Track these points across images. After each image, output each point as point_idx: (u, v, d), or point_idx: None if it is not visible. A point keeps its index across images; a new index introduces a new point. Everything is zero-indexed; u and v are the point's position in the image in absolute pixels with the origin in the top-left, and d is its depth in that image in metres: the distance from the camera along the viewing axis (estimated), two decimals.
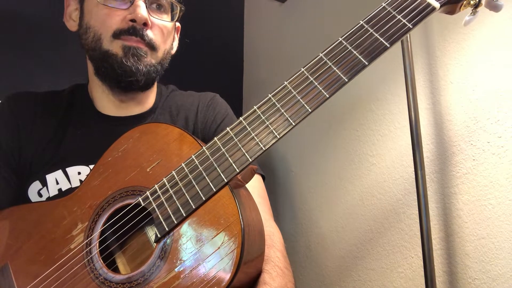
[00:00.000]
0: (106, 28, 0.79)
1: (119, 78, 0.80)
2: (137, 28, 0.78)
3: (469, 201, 0.81)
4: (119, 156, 0.66)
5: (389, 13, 0.56)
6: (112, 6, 0.79)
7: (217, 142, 0.59)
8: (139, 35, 0.79)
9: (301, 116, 0.56)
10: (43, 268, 0.60)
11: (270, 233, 0.77)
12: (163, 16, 0.84)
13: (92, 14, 0.81)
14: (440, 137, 0.87)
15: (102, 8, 0.79)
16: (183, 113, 0.91)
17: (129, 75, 0.79)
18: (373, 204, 1.00)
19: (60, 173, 0.78)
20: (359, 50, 0.56)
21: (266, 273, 0.65)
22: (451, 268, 0.82)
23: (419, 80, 0.92)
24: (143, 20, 0.78)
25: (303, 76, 0.57)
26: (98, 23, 0.80)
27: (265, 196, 0.88)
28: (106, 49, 0.79)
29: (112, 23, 0.78)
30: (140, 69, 0.79)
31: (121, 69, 0.79)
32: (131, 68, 0.78)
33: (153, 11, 0.82)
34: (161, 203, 0.58)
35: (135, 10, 0.78)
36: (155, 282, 0.54)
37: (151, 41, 0.80)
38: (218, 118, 0.92)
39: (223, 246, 0.53)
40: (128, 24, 0.78)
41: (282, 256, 0.72)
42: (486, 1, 0.59)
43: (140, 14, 0.77)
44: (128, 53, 0.78)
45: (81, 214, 0.63)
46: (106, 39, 0.79)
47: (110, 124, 0.85)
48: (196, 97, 0.95)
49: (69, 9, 0.87)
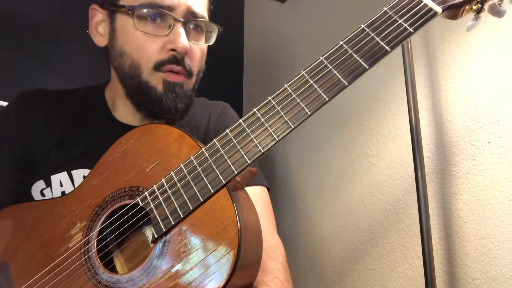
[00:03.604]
0: (146, 58, 0.74)
1: (155, 111, 0.78)
2: (178, 57, 0.74)
3: (469, 201, 0.80)
4: (119, 156, 0.66)
5: (390, 17, 0.56)
6: (150, 32, 0.74)
7: (216, 144, 0.59)
8: (181, 65, 0.75)
9: (300, 119, 0.56)
10: (41, 267, 0.61)
11: (273, 245, 0.77)
12: (200, 38, 0.80)
13: (128, 39, 0.75)
14: (440, 137, 0.87)
15: (139, 34, 0.74)
16: (194, 122, 0.89)
17: (167, 113, 0.77)
18: (373, 204, 1.00)
19: (65, 175, 0.78)
20: (360, 54, 0.55)
21: (265, 285, 0.65)
22: (451, 268, 0.82)
23: (419, 80, 0.91)
24: (185, 50, 0.74)
25: (303, 79, 0.57)
26: (135, 51, 0.75)
27: (270, 208, 0.86)
28: (145, 80, 0.75)
29: (151, 53, 0.74)
30: (178, 107, 0.76)
31: (159, 107, 0.75)
32: (170, 107, 0.75)
33: (191, 34, 0.77)
34: (159, 203, 0.58)
35: (176, 39, 0.73)
36: (152, 282, 0.55)
37: (190, 70, 0.77)
38: (228, 128, 0.90)
39: (220, 247, 0.53)
40: (169, 53, 0.74)
41: (283, 268, 0.72)
42: (489, 7, 0.58)
43: (181, 44, 0.73)
44: (168, 90, 0.75)
45: (80, 213, 0.63)
46: (147, 71, 0.75)
47: (125, 132, 0.81)
48: (207, 107, 0.93)
49: (95, 20, 0.80)
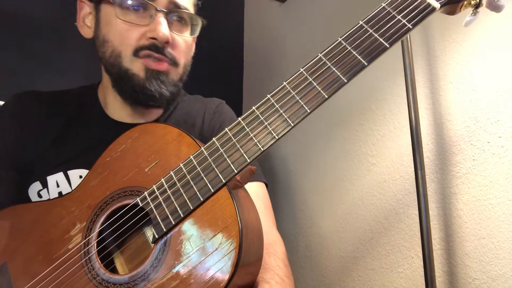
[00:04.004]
0: (126, 46, 0.75)
1: (139, 100, 0.77)
2: (159, 46, 0.75)
3: (469, 201, 0.80)
4: (117, 156, 0.65)
5: (388, 13, 0.55)
6: (131, 21, 0.75)
7: (215, 143, 0.59)
8: (161, 53, 0.75)
9: (300, 117, 0.55)
10: (41, 268, 0.60)
11: (272, 241, 0.76)
12: (184, 30, 0.80)
13: (110, 28, 0.76)
14: (440, 137, 0.87)
15: (121, 23, 0.75)
16: (190, 120, 0.89)
17: (151, 99, 0.76)
18: (373, 204, 1.00)
19: (61, 175, 0.77)
20: (359, 50, 0.55)
21: (265, 282, 0.65)
22: (451, 268, 0.82)
23: (419, 80, 0.91)
24: (165, 40, 0.74)
25: (302, 76, 0.57)
26: (117, 39, 0.76)
27: (269, 204, 0.87)
28: (126, 67, 0.75)
29: (131, 40, 0.75)
30: (164, 93, 0.76)
31: (143, 93, 0.75)
32: (154, 94, 0.75)
33: (173, 25, 0.78)
34: (159, 203, 0.58)
35: (156, 28, 0.74)
36: (153, 282, 0.54)
37: (173, 58, 0.77)
38: (224, 126, 0.89)
39: (221, 247, 0.52)
40: (149, 41, 0.75)
41: (283, 265, 0.72)
42: (487, 2, 0.58)
43: (161, 33, 0.74)
44: (151, 77, 0.75)
45: (79, 214, 0.63)
46: (127, 58, 0.75)
47: (119, 130, 0.81)
48: (203, 104, 0.93)
49: (83, 12, 0.82)
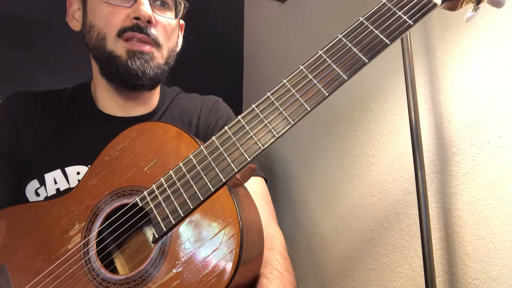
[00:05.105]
0: (110, 27, 0.78)
1: (124, 80, 0.79)
2: (141, 25, 0.78)
3: (469, 201, 0.80)
4: (116, 156, 0.65)
5: (389, 9, 0.55)
6: (116, 4, 0.78)
7: (215, 142, 0.58)
8: (144, 32, 0.78)
9: (300, 115, 0.55)
10: (40, 269, 0.60)
11: (271, 235, 0.76)
12: (167, 13, 0.84)
13: (96, 13, 0.80)
14: (440, 137, 0.87)
15: (105, 7, 0.78)
16: (186, 117, 0.90)
17: (135, 78, 0.78)
18: (373, 204, 1.00)
19: (58, 173, 0.78)
20: (359, 47, 0.54)
21: (264, 277, 0.64)
22: (451, 268, 0.82)
23: (419, 80, 0.91)
24: (147, 18, 0.78)
25: (302, 74, 0.56)
26: (102, 22, 0.79)
27: (268, 199, 0.87)
28: (110, 49, 0.78)
29: (116, 22, 0.78)
30: (147, 72, 0.78)
31: (127, 72, 0.78)
32: (137, 72, 0.77)
33: (157, 8, 0.81)
34: (159, 203, 0.58)
35: (139, 7, 0.77)
36: (153, 282, 0.54)
37: (156, 38, 0.80)
38: (220, 122, 0.91)
39: (222, 246, 0.52)
40: (132, 21, 0.77)
41: (282, 258, 0.71)
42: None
43: (144, 12, 0.77)
44: (134, 56, 0.77)
45: (78, 214, 0.63)
46: (111, 39, 0.78)
47: (112, 124, 0.84)
48: (199, 101, 0.94)
49: (72, 8, 0.86)
